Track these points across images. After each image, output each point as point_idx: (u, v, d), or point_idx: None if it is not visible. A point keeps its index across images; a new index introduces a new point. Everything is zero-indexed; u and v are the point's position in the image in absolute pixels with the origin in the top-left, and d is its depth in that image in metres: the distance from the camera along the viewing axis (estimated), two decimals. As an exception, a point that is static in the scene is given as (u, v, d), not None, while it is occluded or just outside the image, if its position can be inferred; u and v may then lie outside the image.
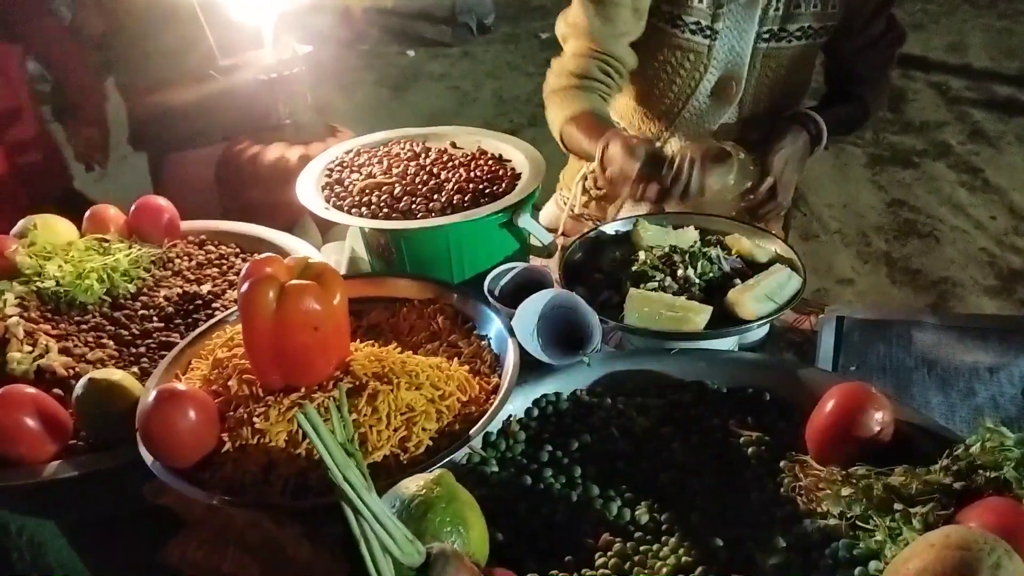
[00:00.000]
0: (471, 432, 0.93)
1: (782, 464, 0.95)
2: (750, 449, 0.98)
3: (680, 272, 1.22)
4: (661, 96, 1.57)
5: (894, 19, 1.53)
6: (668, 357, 1.14)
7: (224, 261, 1.47)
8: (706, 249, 1.28)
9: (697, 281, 1.21)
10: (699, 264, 1.23)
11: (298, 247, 1.46)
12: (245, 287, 0.89)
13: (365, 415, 0.90)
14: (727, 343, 1.22)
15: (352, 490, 0.63)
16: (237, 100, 1.77)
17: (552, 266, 1.40)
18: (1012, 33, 6.23)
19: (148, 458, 0.90)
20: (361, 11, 5.94)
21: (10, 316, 1.18)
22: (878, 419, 0.91)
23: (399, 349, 1.05)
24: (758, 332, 1.36)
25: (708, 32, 1.47)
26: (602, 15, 1.44)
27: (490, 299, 1.09)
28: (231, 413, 0.94)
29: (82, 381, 1.01)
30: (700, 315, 1.14)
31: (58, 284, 1.27)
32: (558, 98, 1.52)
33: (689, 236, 1.35)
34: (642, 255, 1.26)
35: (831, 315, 1.42)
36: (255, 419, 0.91)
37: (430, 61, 6.32)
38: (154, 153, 2.26)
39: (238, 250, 1.50)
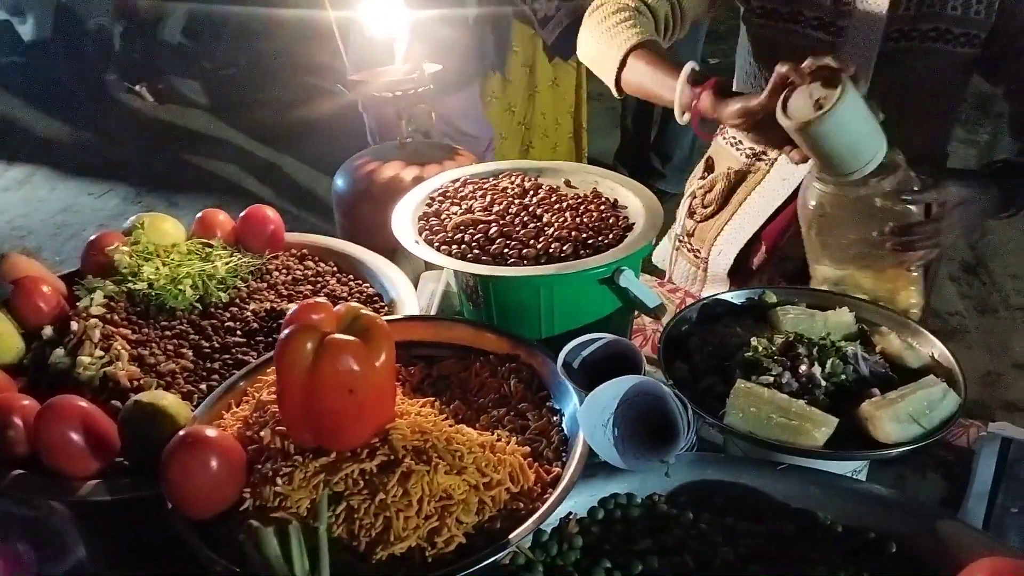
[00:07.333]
0: (511, 536, 0.79)
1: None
2: (860, 615, 0.78)
3: (803, 368, 1.02)
4: None
5: None
6: (773, 473, 0.94)
7: (320, 279, 1.42)
8: (842, 343, 1.06)
9: (823, 383, 1.00)
10: (829, 362, 1.02)
11: (393, 276, 1.39)
12: (284, 334, 0.81)
13: (394, 497, 0.79)
14: (852, 466, 1.00)
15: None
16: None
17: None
18: None
19: (168, 503, 0.84)
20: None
21: (92, 316, 1.18)
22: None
23: (446, 418, 0.93)
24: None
25: (832, 28, 1.28)
26: None
27: (562, 375, 0.94)
28: (259, 466, 0.86)
29: (128, 403, 0.97)
30: (821, 428, 0.94)
31: (151, 287, 1.27)
32: (609, 29, 1.33)
33: (844, 320, 1.14)
34: (753, 340, 1.07)
35: (994, 437, 1.15)
36: (279, 479, 0.82)
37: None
38: None
39: (335, 268, 1.46)
